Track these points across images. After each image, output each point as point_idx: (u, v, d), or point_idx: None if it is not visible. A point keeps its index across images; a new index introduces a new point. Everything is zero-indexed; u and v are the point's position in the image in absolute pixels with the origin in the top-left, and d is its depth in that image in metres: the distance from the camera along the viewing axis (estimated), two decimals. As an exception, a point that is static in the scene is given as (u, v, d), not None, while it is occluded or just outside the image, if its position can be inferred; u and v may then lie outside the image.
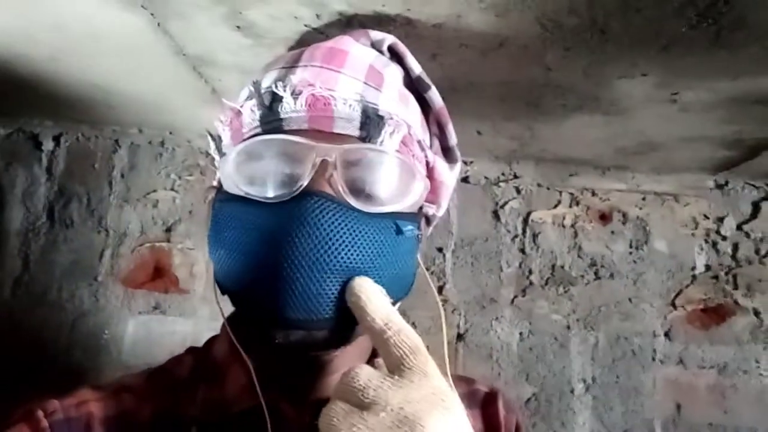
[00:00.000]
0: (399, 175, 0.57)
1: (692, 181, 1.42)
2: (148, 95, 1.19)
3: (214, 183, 0.65)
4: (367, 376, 0.45)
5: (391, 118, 0.57)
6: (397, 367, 0.46)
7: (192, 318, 1.38)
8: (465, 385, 0.73)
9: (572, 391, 1.34)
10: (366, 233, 0.54)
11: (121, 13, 0.83)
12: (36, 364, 1.34)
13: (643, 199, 1.42)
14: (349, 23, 0.79)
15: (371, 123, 0.56)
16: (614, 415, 1.33)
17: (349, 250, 0.52)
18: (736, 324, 1.37)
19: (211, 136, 0.65)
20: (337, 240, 0.52)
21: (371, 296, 0.51)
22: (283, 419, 0.57)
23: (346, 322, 0.54)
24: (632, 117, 1.06)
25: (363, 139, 0.56)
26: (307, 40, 0.85)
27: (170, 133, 1.43)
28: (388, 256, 0.55)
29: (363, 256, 0.53)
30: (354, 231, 0.53)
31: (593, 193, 1.43)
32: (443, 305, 1.38)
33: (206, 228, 0.64)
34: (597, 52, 0.82)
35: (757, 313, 1.37)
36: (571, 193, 1.43)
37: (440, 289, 1.39)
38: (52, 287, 1.38)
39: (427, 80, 0.64)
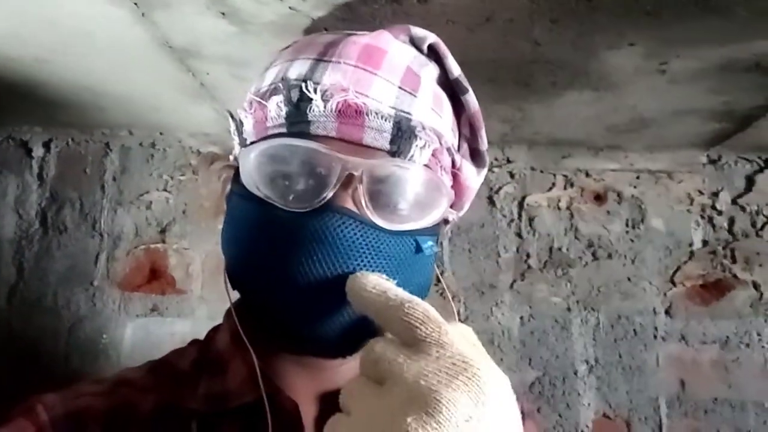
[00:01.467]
0: (425, 192, 0.56)
1: (685, 157, 1.42)
2: (136, 94, 1.18)
3: (231, 159, 0.63)
4: (381, 348, 0.42)
5: (423, 129, 0.55)
6: (410, 340, 0.42)
7: (190, 318, 1.37)
8: None
9: (576, 373, 1.34)
10: (386, 252, 0.53)
11: (105, 6, 0.82)
12: (34, 372, 1.32)
13: (638, 177, 1.42)
14: (335, 4, 0.79)
15: (403, 136, 0.53)
16: (619, 395, 1.33)
17: (367, 269, 0.51)
18: (736, 298, 1.37)
19: (232, 117, 0.62)
20: (356, 258, 0.51)
21: (367, 281, 0.48)
22: (284, 412, 0.57)
23: (359, 336, 0.54)
24: (622, 91, 1.06)
25: (393, 153, 0.54)
26: (293, 23, 0.85)
27: (161, 133, 1.42)
28: (406, 274, 0.55)
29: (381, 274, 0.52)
30: (373, 249, 0.52)
31: (587, 174, 1.43)
32: (442, 294, 1.37)
33: (204, 221, 0.62)
34: (584, 22, 0.82)
35: (756, 286, 1.37)
36: (565, 175, 1.43)
37: (438, 278, 1.38)
38: (48, 294, 1.37)
39: (465, 83, 0.62)
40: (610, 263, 1.39)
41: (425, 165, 0.55)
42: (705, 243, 1.39)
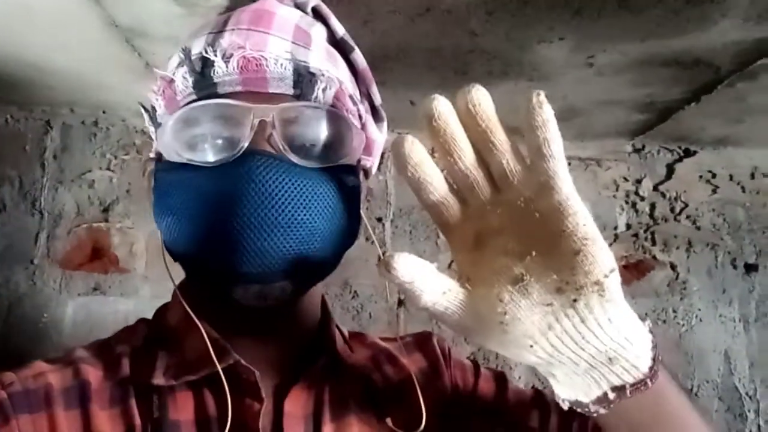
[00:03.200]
0: (336, 129, 0.59)
1: (612, 146, 1.51)
2: (80, 71, 1.18)
3: (152, 155, 0.65)
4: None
5: (323, 75, 0.58)
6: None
7: (133, 297, 1.37)
8: (394, 341, 0.75)
9: (508, 348, 1.41)
10: (310, 188, 0.55)
11: (51, -19, 0.83)
12: (-29, 352, 1.31)
13: (569, 164, 1.50)
14: (281, -11, 0.82)
15: (304, 80, 0.57)
16: (547, 368, 1.41)
17: (295, 205, 0.54)
18: (654, 278, 1.48)
19: (144, 108, 0.64)
20: (283, 196, 0.53)
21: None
22: (243, 382, 0.58)
23: (299, 272, 0.56)
24: (554, 82, 1.13)
25: (297, 96, 0.57)
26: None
27: (104, 112, 1.41)
28: (333, 208, 0.58)
29: (309, 210, 0.55)
30: (298, 186, 0.54)
31: (522, 161, 1.50)
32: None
33: (147, 201, 0.63)
34: (517, 16, 0.88)
35: (673, 267, 1.48)
36: (502, 161, 1.50)
37: (380, 258, 1.43)
38: (-15, 273, 1.35)
39: (351, 42, 0.65)
40: (542, 245, 1.47)
41: (331, 106, 0.59)
42: (628, 227, 1.49)
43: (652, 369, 0.48)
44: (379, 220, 1.45)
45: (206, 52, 0.57)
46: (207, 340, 0.58)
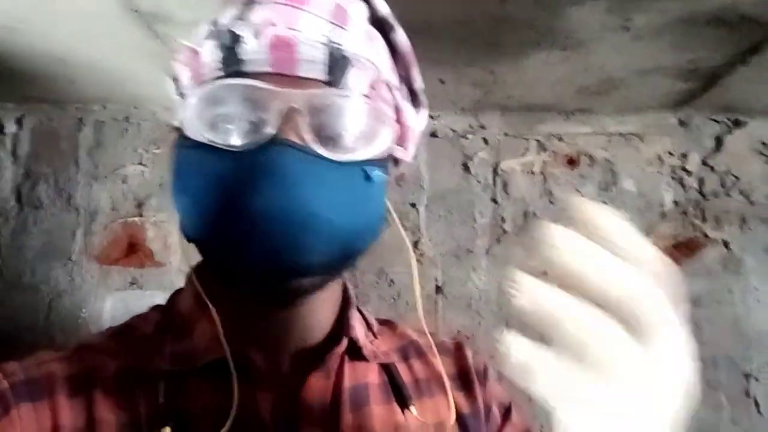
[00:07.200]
0: (367, 121, 0.56)
1: (655, 119, 1.44)
2: (108, 64, 1.18)
3: (176, 123, 0.62)
4: None
5: (359, 60, 0.54)
6: None
7: (170, 290, 1.34)
8: (425, 336, 0.73)
9: (552, 333, 1.36)
10: (334, 182, 0.53)
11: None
12: (14, 349, 1.32)
13: (609, 140, 1.44)
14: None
15: (337, 66, 0.53)
16: (594, 353, 1.35)
17: (318, 200, 0.51)
18: (707, 256, 1.40)
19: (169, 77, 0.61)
20: (305, 190, 0.51)
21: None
22: (254, 368, 0.57)
23: (318, 269, 0.54)
24: (589, 50, 1.08)
25: (329, 83, 0.53)
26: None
27: (135, 107, 1.42)
28: (357, 203, 0.55)
29: (331, 206, 0.52)
30: (322, 180, 0.52)
31: (560, 139, 1.45)
32: (419, 259, 1.39)
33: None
34: (546, -25, 0.84)
35: (726, 244, 1.40)
36: (538, 140, 1.45)
37: (416, 244, 1.40)
38: (26, 270, 1.37)
39: (393, 21, 0.61)
40: (584, 225, 1.41)
41: (364, 95, 0.55)
42: (676, 203, 1.42)
43: None
44: (413, 205, 1.42)
45: (235, 27, 0.53)
46: (219, 326, 0.56)
